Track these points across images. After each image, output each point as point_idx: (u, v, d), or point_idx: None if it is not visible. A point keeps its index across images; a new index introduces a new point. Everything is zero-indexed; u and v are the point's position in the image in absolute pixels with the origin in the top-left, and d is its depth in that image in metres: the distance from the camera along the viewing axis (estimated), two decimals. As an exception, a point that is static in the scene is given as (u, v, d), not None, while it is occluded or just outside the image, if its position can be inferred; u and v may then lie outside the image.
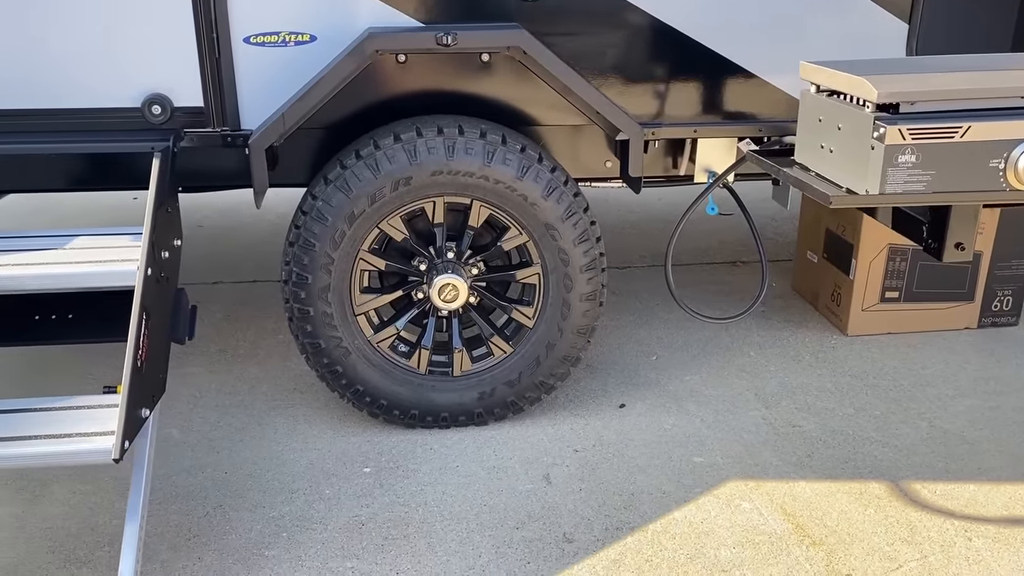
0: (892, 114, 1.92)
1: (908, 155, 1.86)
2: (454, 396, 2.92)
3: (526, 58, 2.63)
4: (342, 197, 2.65)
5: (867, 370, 3.39)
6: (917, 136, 1.85)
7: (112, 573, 2.30)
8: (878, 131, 1.87)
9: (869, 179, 1.90)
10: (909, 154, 1.86)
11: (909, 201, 1.95)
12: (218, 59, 2.58)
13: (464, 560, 2.36)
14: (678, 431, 2.97)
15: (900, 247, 3.59)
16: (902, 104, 1.90)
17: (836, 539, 2.44)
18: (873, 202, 1.97)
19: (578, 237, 2.78)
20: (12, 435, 2.04)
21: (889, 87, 1.88)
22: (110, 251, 2.34)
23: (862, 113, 1.93)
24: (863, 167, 1.92)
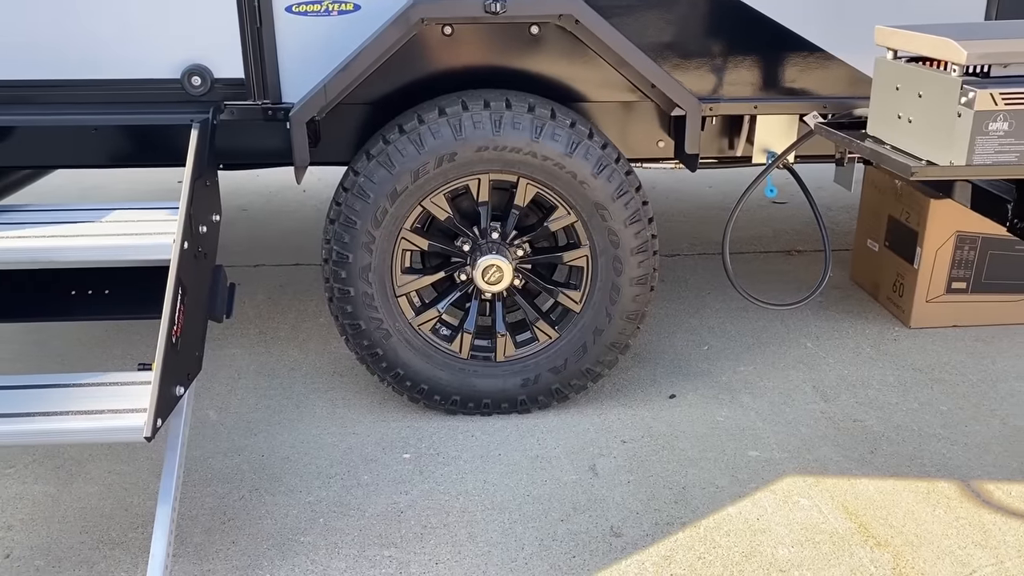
0: (982, 78, 1.76)
1: (1000, 122, 1.70)
2: (497, 382, 2.82)
3: (578, 27, 2.51)
4: (384, 173, 2.55)
5: (932, 364, 3.21)
6: (1011, 101, 1.68)
7: (145, 555, 2.24)
8: (966, 96, 1.71)
9: (955, 149, 1.75)
10: (1001, 121, 1.70)
11: (1000, 173, 1.79)
12: (259, 29, 2.50)
13: (506, 552, 2.25)
14: (731, 423, 2.83)
15: (969, 235, 3.40)
16: (994, 67, 1.75)
17: (903, 540, 2.28)
18: (959, 174, 1.81)
19: (629, 217, 2.65)
20: (44, 410, 1.98)
21: (979, 48, 1.73)
22: (146, 224, 2.28)
23: (948, 78, 1.78)
24: (948, 136, 1.76)
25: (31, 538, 2.31)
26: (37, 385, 2.08)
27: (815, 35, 2.67)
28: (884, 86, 2.03)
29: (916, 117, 1.89)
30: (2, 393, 2.05)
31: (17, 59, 2.49)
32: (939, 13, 2.63)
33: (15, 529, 2.35)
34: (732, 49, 2.69)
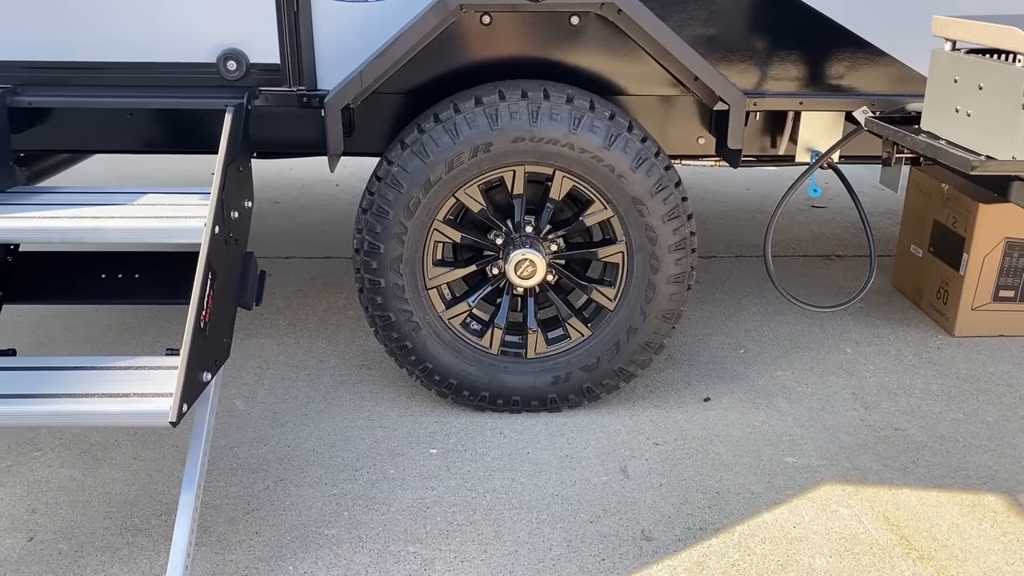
0: None
1: None
2: (527, 379, 2.76)
3: (620, 17, 2.45)
4: (419, 163, 2.51)
5: (977, 373, 3.11)
6: None
7: (167, 543, 2.21)
8: (1033, 87, 1.63)
9: (1018, 143, 1.66)
10: None
11: None
12: (296, 13, 2.47)
13: (534, 552, 2.20)
14: (768, 429, 2.75)
15: (1019, 242, 3.29)
16: None
17: (947, 554, 2.19)
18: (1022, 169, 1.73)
19: (668, 214, 2.58)
20: (70, 392, 1.95)
21: None
22: (177, 208, 2.25)
23: (1013, 68, 1.69)
24: (1011, 129, 1.68)
25: (54, 522, 2.30)
26: (64, 367, 2.06)
27: (864, 30, 2.59)
28: (941, 79, 1.95)
29: (976, 110, 1.81)
30: (29, 374, 2.03)
31: (51, 41, 2.48)
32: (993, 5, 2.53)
33: (39, 512, 2.34)
34: (777, 43, 2.61)
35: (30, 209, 2.23)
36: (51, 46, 2.48)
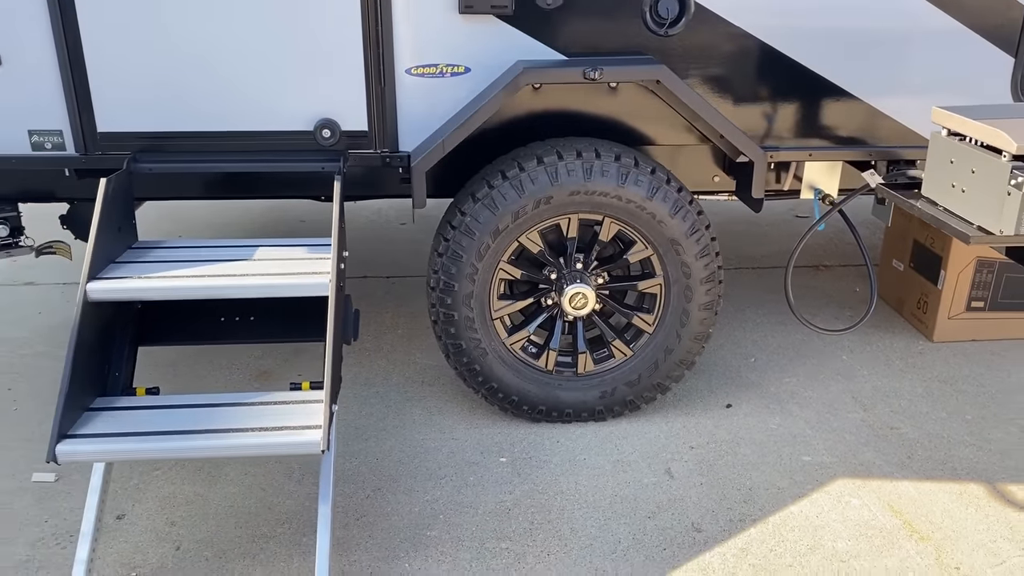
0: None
1: None
2: (578, 394, 3.20)
3: (660, 87, 2.88)
4: (489, 214, 2.92)
5: (955, 376, 3.61)
6: None
7: (295, 547, 2.61)
8: (1015, 179, 2.10)
9: (1004, 221, 2.13)
10: None
11: None
12: (383, 88, 2.85)
13: (606, 544, 2.64)
14: (784, 431, 3.22)
15: (988, 260, 3.79)
16: None
17: (942, 535, 2.68)
18: (1009, 242, 2.19)
19: (700, 252, 3.03)
20: (228, 427, 2.34)
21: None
22: (296, 263, 2.63)
23: (999, 161, 2.16)
24: (998, 209, 2.15)
25: (194, 533, 2.68)
26: (214, 404, 2.44)
27: (862, 90, 3.04)
28: (939, 157, 2.41)
29: (969, 188, 2.27)
30: (186, 411, 2.42)
31: (168, 114, 2.83)
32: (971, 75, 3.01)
33: (178, 525, 2.72)
34: (790, 102, 3.05)
35: (167, 267, 2.60)
36: (168, 118, 2.83)
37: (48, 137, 2.85)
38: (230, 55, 2.77)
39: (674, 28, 2.89)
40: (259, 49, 2.78)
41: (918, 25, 2.95)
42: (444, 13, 2.80)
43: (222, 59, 2.78)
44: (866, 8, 2.91)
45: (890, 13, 2.93)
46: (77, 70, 2.75)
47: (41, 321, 4.12)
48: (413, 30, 2.81)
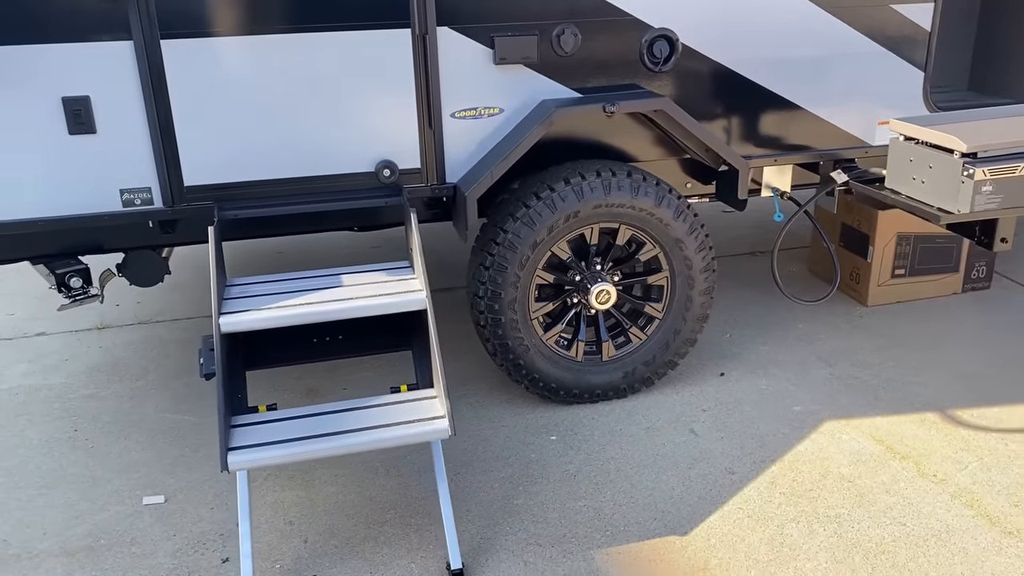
0: (973, 160, 2.85)
1: (987, 186, 2.80)
2: (605, 377, 3.76)
3: (661, 115, 3.48)
4: (528, 230, 3.44)
5: (893, 332, 4.38)
6: (993, 174, 2.79)
7: (407, 527, 3.06)
8: (968, 171, 2.80)
9: (960, 203, 2.83)
10: (988, 185, 2.80)
11: (986, 215, 2.90)
12: (432, 131, 3.34)
13: (662, 492, 3.21)
14: (772, 389, 3.89)
15: (906, 235, 4.60)
16: (979, 152, 2.84)
17: (917, 453, 3.39)
18: (966, 218, 2.90)
19: (698, 247, 3.65)
20: (364, 426, 2.77)
21: (972, 141, 2.82)
22: (387, 284, 3.08)
23: (952, 158, 2.86)
24: (955, 195, 2.85)
25: (314, 527, 3.09)
26: (341, 410, 2.86)
27: (813, 106, 3.73)
28: (899, 157, 3.11)
29: (927, 179, 2.97)
30: (319, 418, 2.83)
31: (250, 165, 3.22)
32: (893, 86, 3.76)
33: (296, 523, 3.12)
34: (757, 119, 3.72)
35: (276, 299, 3.00)
36: (247, 169, 3.22)
37: (138, 194, 3.18)
38: (301, 112, 3.20)
39: (666, 65, 3.50)
40: (327, 106, 3.21)
41: (852, 50, 3.67)
42: (482, 65, 3.31)
43: (294, 116, 3.20)
44: (812, 38, 3.61)
45: (831, 41, 3.63)
46: (167, 135, 3.11)
47: (72, 367, 4.35)
48: (457, 81, 3.31)
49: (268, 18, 3.06)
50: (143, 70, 3.03)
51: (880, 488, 3.20)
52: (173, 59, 3.04)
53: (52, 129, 3.04)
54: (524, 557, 2.91)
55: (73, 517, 3.20)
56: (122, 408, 3.95)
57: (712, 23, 3.49)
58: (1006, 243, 3.03)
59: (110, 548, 3.03)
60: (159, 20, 2.99)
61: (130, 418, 3.86)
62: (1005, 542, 2.90)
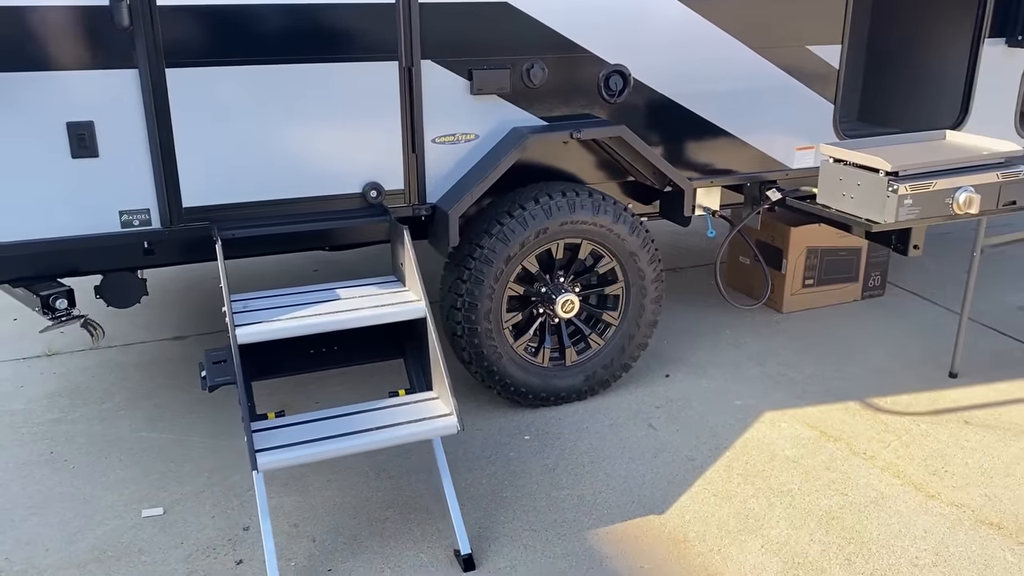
0: (896, 178, 3.36)
1: (908, 200, 3.31)
2: (569, 380, 4.09)
3: (618, 141, 3.88)
4: (502, 245, 3.75)
5: (808, 334, 4.92)
6: (913, 190, 3.30)
7: (409, 522, 3.28)
8: (892, 187, 3.31)
9: (886, 214, 3.33)
10: (908, 200, 3.31)
11: (907, 225, 3.41)
12: (415, 155, 3.61)
13: (635, 479, 3.56)
14: (714, 387, 4.32)
15: (814, 248, 5.17)
16: (901, 172, 3.36)
17: (847, 436, 3.88)
18: (891, 227, 3.40)
19: (650, 259, 4.05)
20: (376, 426, 3.00)
21: (895, 162, 3.33)
22: (383, 296, 3.32)
23: (878, 176, 3.37)
24: (881, 207, 3.35)
25: (319, 528, 3.27)
26: (351, 413, 3.08)
27: (744, 134, 4.22)
28: (830, 177, 3.61)
29: (856, 195, 3.47)
30: (332, 421, 3.03)
31: (246, 186, 3.40)
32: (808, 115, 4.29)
33: (301, 525, 3.29)
34: (697, 145, 4.17)
35: (284, 311, 3.19)
36: (243, 191, 3.40)
37: (137, 215, 3.31)
38: (295, 137, 3.41)
39: (620, 97, 3.91)
40: (320, 131, 3.44)
41: (776, 85, 4.18)
42: (461, 95, 3.62)
43: (289, 140, 3.40)
44: (743, 75, 4.10)
45: (759, 77, 4.13)
46: (168, 159, 3.26)
47: (30, 393, 4.34)
48: (438, 109, 3.60)
49: (268, 50, 3.27)
50: (147, 97, 3.18)
51: (821, 466, 3.65)
52: (177, 87, 3.20)
53: (56, 152, 3.14)
54: (522, 541, 3.19)
55: (72, 533, 3.26)
56: (94, 430, 3.99)
57: (659, 61, 3.92)
58: (918, 249, 3.57)
59: (119, 559, 3.12)
60: (165, 50, 3.15)
61: (106, 438, 3.91)
62: (929, 503, 3.40)
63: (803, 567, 3.05)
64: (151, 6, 3.09)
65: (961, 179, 3.41)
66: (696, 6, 3.89)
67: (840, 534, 3.21)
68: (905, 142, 3.69)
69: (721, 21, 3.96)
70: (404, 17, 3.43)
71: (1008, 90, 4.74)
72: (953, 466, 3.65)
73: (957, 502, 3.40)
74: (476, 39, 3.57)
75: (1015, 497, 3.43)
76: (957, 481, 3.54)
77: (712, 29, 3.96)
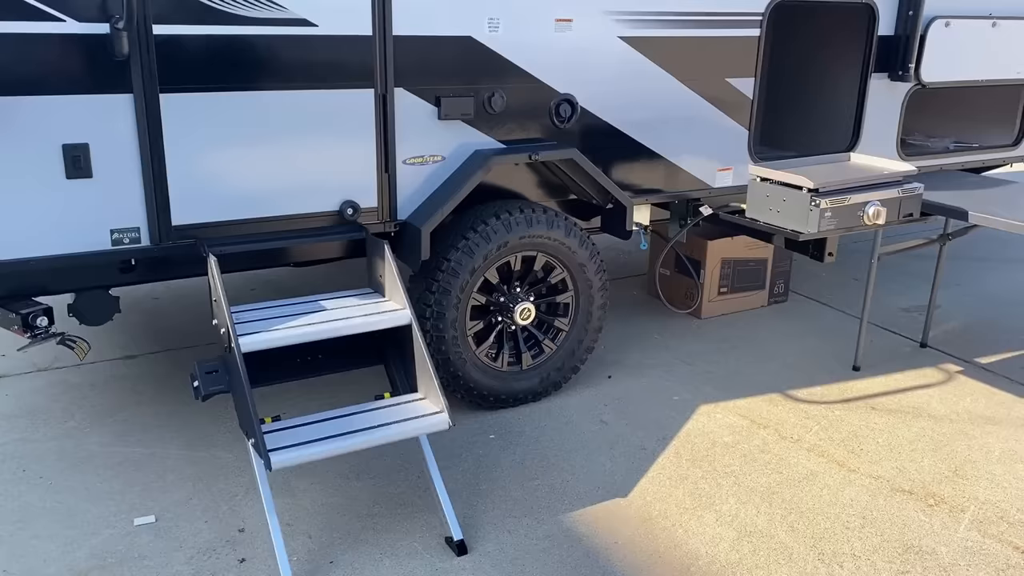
0: (817, 194, 3.87)
1: (828, 212, 3.83)
2: (526, 383, 4.43)
3: (569, 163, 4.26)
4: (467, 258, 4.06)
5: (727, 336, 5.43)
6: (832, 204, 3.82)
7: (398, 515, 3.52)
8: (815, 202, 3.81)
9: (809, 226, 3.84)
10: (828, 212, 3.83)
11: (827, 234, 3.93)
12: (388, 175, 3.88)
13: (597, 468, 3.92)
14: (653, 385, 4.75)
15: (727, 259, 5.71)
16: (821, 188, 3.87)
17: (774, 423, 4.37)
18: (813, 235, 3.91)
19: (597, 269, 4.45)
20: (374, 425, 3.24)
21: (816, 180, 3.83)
22: (368, 306, 3.57)
23: (802, 193, 3.87)
24: (805, 220, 3.85)
25: (313, 525, 3.47)
26: (347, 414, 3.30)
27: (675, 157, 4.69)
28: (757, 193, 4.10)
29: (782, 210, 3.97)
30: (329, 423, 3.26)
31: (231, 205, 3.59)
32: (729, 139, 4.81)
33: (294, 525, 3.48)
34: (635, 166, 4.61)
35: (278, 321, 3.40)
36: (229, 209, 3.58)
37: (127, 233, 3.44)
38: (279, 157, 3.62)
39: (568, 123, 4.30)
40: (302, 152, 3.66)
41: (701, 113, 4.67)
42: (429, 120, 3.92)
43: (273, 161, 3.61)
44: (674, 104, 4.56)
45: (685, 106, 4.61)
46: (159, 179, 3.42)
47: (-13, 414, 4.32)
48: (409, 133, 3.88)
49: (257, 77, 3.49)
50: (141, 120, 3.33)
51: (756, 449, 4.12)
52: (170, 110, 3.37)
53: (51, 173, 3.25)
54: (505, 527, 3.49)
55: (67, 543, 3.34)
56: (64, 447, 4.03)
57: (603, 91, 4.33)
58: (832, 256, 4.10)
59: (121, 564, 3.23)
60: (159, 76, 3.32)
61: (77, 455, 3.97)
62: (852, 477, 3.91)
63: (754, 535, 3.48)
64: (147, 35, 3.26)
65: (870, 195, 3.97)
66: (635, 44, 4.33)
67: (781, 506, 3.67)
68: (817, 163, 4.24)
69: (656, 57, 4.41)
70: (380, 48, 3.71)
71: (891, 118, 5.41)
72: (866, 445, 4.18)
73: (874, 474, 3.93)
74: (443, 69, 3.89)
75: (920, 468, 3.99)
76: (872, 457, 4.07)
77: (648, 64, 4.41)
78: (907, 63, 5.22)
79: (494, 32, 3.95)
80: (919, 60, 5.25)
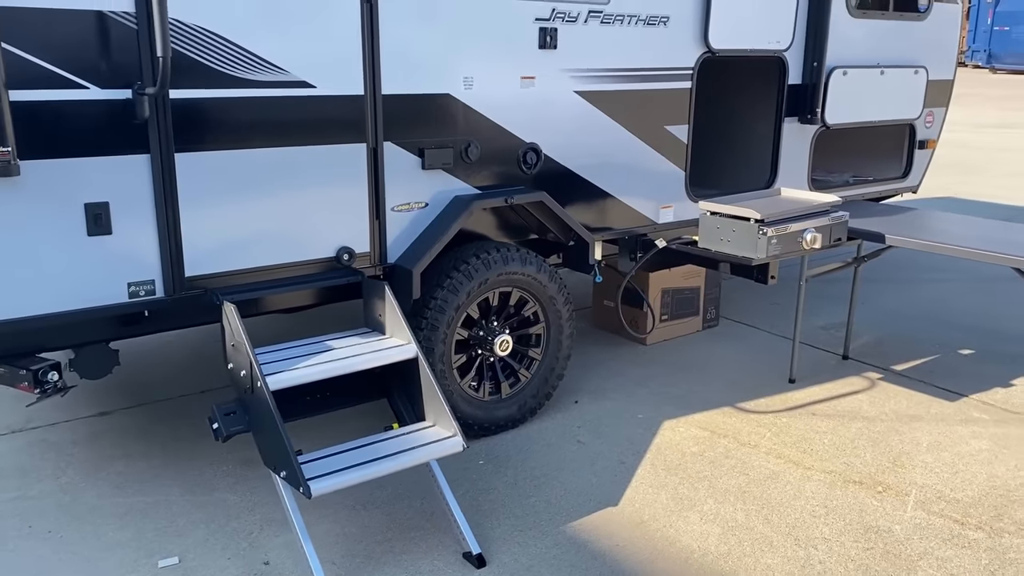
0: (764, 224, 4.39)
1: (774, 239, 4.34)
2: (506, 411, 4.75)
3: (539, 205, 4.66)
4: (452, 296, 4.38)
5: (675, 361, 5.90)
6: (777, 232, 4.34)
7: (411, 542, 3.76)
8: (762, 231, 4.32)
9: (759, 252, 4.34)
10: (774, 239, 4.34)
11: (773, 259, 4.44)
12: (379, 222, 4.18)
13: (585, 483, 4.26)
14: (617, 407, 5.14)
15: (667, 289, 6.21)
16: (767, 219, 4.39)
17: (732, 433, 4.83)
18: (763, 260, 4.41)
19: (564, 300, 4.84)
20: (396, 451, 3.51)
21: (762, 212, 4.35)
22: (373, 343, 3.84)
23: (749, 224, 4.38)
24: (754, 247, 4.36)
25: (335, 553, 3.66)
26: (364, 444, 3.55)
27: (623, 196, 5.16)
28: (708, 226, 4.59)
29: (732, 239, 4.47)
30: (353, 452, 3.49)
31: (238, 256, 3.81)
32: (667, 178, 5.32)
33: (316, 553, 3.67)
34: (591, 206, 5.04)
35: (296, 361, 3.62)
36: (236, 260, 3.80)
37: (143, 286, 3.61)
38: (283, 210, 3.87)
39: (534, 169, 4.71)
40: (303, 203, 3.93)
41: (645, 157, 5.17)
42: (414, 170, 4.25)
43: (277, 213, 3.86)
44: (623, 150, 5.04)
45: (632, 152, 5.10)
46: (174, 232, 3.62)
47: (-27, 476, 4.32)
48: (397, 182, 4.20)
49: (264, 136, 3.75)
50: (157, 178, 3.54)
51: (721, 456, 4.56)
52: (184, 169, 3.59)
53: (73, 231, 3.41)
54: (515, 540, 3.79)
55: (96, 590, 3.44)
56: (63, 502, 4.09)
57: (562, 139, 4.77)
58: (774, 279, 4.62)
59: (157, 604, 3.35)
60: (175, 137, 3.54)
61: (79, 509, 4.04)
62: (808, 473, 4.39)
63: (736, 529, 3.89)
64: (165, 100, 3.49)
65: (806, 223, 4.53)
66: (588, 96, 4.80)
67: (754, 502, 4.10)
68: (754, 197, 4.78)
69: (605, 108, 4.89)
70: (371, 106, 4.03)
71: (802, 156, 6.07)
72: (815, 445, 4.68)
73: (827, 470, 4.42)
74: (426, 123, 4.24)
75: (864, 461, 4.51)
76: (822, 456, 4.57)
77: (599, 115, 4.88)
78: (814, 107, 5.89)
79: (469, 89, 4.34)
80: (824, 105, 5.93)
